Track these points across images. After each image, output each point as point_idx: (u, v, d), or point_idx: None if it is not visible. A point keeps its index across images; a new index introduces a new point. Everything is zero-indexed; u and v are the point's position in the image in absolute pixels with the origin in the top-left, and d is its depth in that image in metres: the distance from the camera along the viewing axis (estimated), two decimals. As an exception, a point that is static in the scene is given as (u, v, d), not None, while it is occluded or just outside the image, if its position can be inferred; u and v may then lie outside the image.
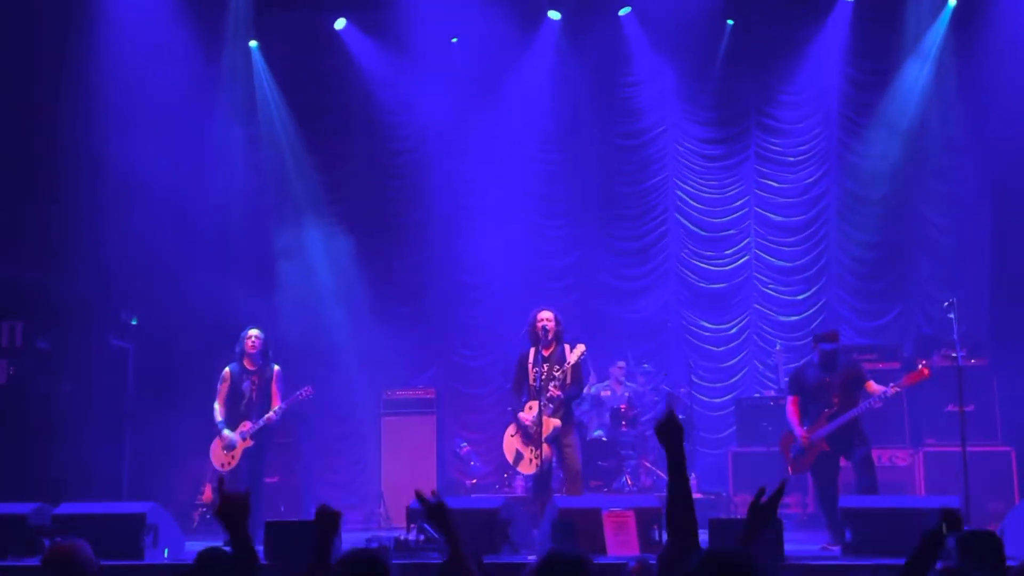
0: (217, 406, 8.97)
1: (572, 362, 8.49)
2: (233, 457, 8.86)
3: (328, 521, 4.05)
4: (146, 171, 10.32)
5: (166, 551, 7.60)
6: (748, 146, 12.11)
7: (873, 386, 8.10)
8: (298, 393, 9.01)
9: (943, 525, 3.58)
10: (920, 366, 8.08)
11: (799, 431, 8.24)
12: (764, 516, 3.49)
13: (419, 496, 3.87)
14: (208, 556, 5.01)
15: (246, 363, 9.00)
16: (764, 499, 3.50)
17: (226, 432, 8.87)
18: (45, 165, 10.44)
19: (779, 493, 3.50)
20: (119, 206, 10.43)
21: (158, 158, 10.39)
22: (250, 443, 8.86)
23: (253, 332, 9.04)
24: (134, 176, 10.33)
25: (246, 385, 8.95)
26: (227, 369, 9.03)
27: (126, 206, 10.40)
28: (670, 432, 3.54)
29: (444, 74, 12.23)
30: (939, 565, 4.01)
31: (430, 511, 3.81)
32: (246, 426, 8.86)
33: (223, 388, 8.99)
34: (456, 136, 12.43)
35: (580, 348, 8.58)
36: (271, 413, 8.84)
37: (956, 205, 11.29)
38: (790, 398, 8.41)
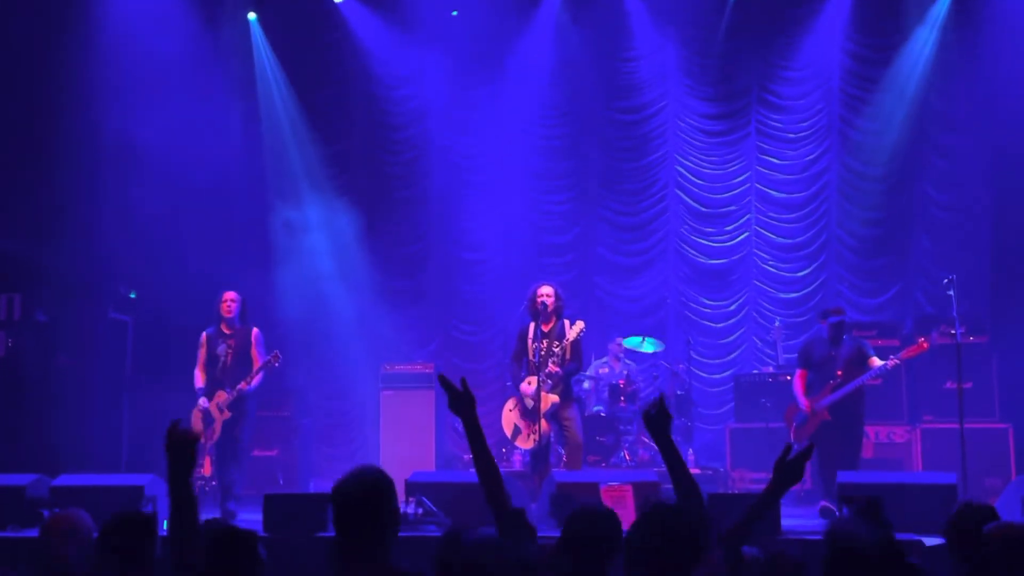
0: (197, 372, 8.84)
1: (571, 339, 8.50)
2: (214, 430, 8.71)
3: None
4: (144, 144, 10.29)
5: (165, 523, 7.61)
6: (749, 122, 12.07)
7: (875, 361, 8.37)
8: (267, 359, 8.79)
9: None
10: (920, 340, 8.35)
11: (803, 401, 8.49)
12: (790, 473, 3.49)
13: (443, 381, 3.85)
14: (211, 529, 5.04)
15: (223, 327, 8.85)
16: (791, 456, 3.51)
17: (202, 401, 8.72)
18: (43, 138, 10.40)
19: (808, 452, 3.51)
20: (118, 179, 10.41)
21: (156, 131, 10.34)
22: (228, 415, 8.71)
23: (229, 295, 8.88)
24: (133, 149, 10.30)
25: (221, 349, 8.79)
26: (204, 333, 8.90)
27: (125, 179, 10.38)
28: (659, 423, 3.67)
29: (444, 48, 12.18)
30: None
31: (456, 399, 3.82)
32: (221, 396, 8.71)
33: (201, 353, 8.87)
34: (456, 110, 12.39)
35: (579, 325, 8.58)
36: (244, 383, 8.66)
37: (957, 182, 11.27)
38: (798, 371, 8.70)
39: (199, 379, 8.85)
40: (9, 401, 10.02)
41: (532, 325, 8.64)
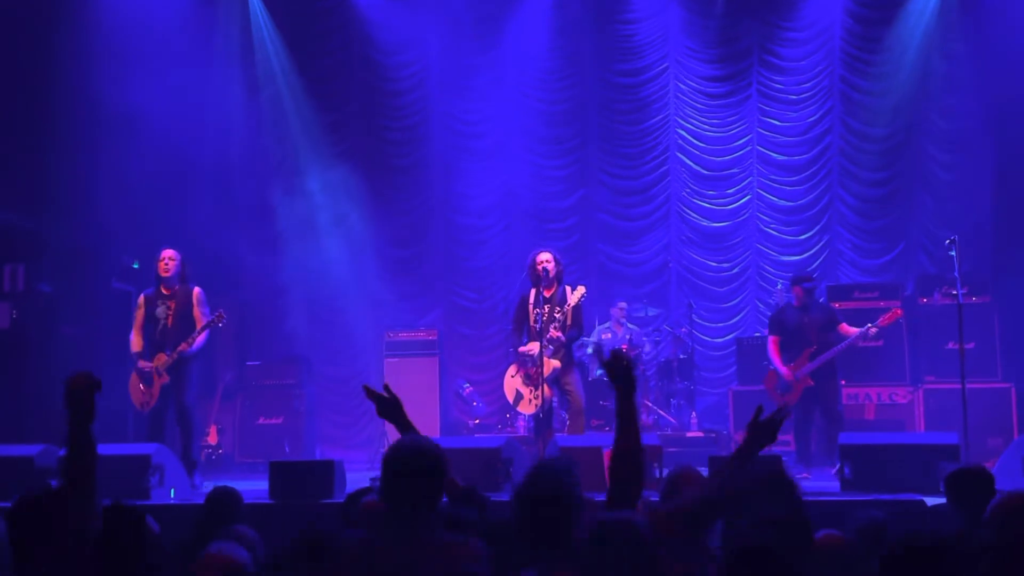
0: (133, 336, 8.59)
1: (572, 304, 8.51)
2: (151, 395, 8.48)
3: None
4: (144, 113, 10.24)
5: (172, 491, 7.69)
6: (750, 84, 12.00)
7: (847, 328, 8.92)
8: (211, 319, 8.53)
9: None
10: (893, 308, 9.08)
11: (783, 369, 8.97)
12: (762, 434, 3.51)
13: (368, 392, 3.93)
14: (219, 495, 5.09)
15: (161, 288, 8.58)
16: (762, 417, 3.53)
17: (142, 364, 8.44)
18: (43, 108, 10.36)
19: (780, 412, 3.54)
20: (118, 148, 10.37)
21: (156, 100, 10.30)
22: (166, 379, 8.43)
23: (166, 253, 8.56)
24: (132, 118, 10.25)
25: (160, 310, 8.51)
26: (142, 295, 8.67)
27: (125, 148, 10.34)
28: (624, 372, 3.62)
29: (444, 13, 12.10)
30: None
31: (383, 405, 3.91)
32: (161, 359, 8.41)
33: (138, 315, 8.59)
34: (456, 76, 12.32)
35: (580, 290, 8.59)
36: (185, 343, 8.39)
37: (959, 142, 11.22)
38: (771, 338, 9.20)
39: (135, 343, 8.57)
40: (15, 371, 10.05)
41: (533, 291, 8.66)
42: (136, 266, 10.94)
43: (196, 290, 8.59)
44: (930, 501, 6.19)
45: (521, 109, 12.28)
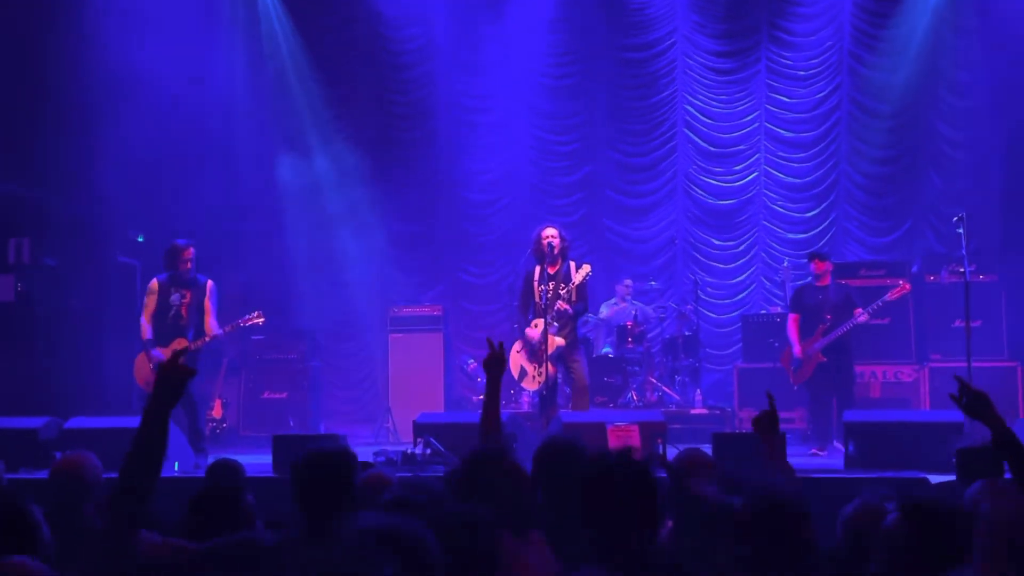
0: (144, 322, 8.52)
1: (577, 282, 8.45)
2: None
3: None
4: (148, 85, 10.22)
5: (176, 464, 7.70)
6: (759, 60, 11.91)
7: (860, 312, 8.92)
8: (247, 317, 8.63)
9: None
10: (901, 282, 9.15)
11: (797, 348, 9.02)
12: (762, 429, 3.61)
13: (489, 342, 4.14)
14: (220, 468, 5.10)
15: (178, 277, 8.53)
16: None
17: (156, 352, 8.35)
18: (46, 80, 10.30)
19: (771, 408, 3.66)
20: (122, 121, 10.32)
21: (159, 72, 10.26)
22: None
23: (190, 251, 8.50)
24: (135, 90, 10.22)
25: (175, 297, 8.48)
26: (154, 280, 8.60)
27: (129, 122, 10.30)
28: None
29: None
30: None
31: (492, 358, 4.05)
32: (181, 344, 8.28)
33: (150, 302, 8.53)
34: (463, 51, 12.25)
35: (586, 268, 8.53)
36: (208, 337, 8.43)
37: (968, 120, 11.14)
38: (791, 315, 9.23)
39: (147, 329, 8.50)
40: (20, 345, 10.06)
41: (538, 268, 8.62)
42: (141, 240, 10.93)
43: (209, 282, 8.63)
44: (934, 479, 6.18)
45: (528, 83, 12.22)
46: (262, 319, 8.80)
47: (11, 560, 2.68)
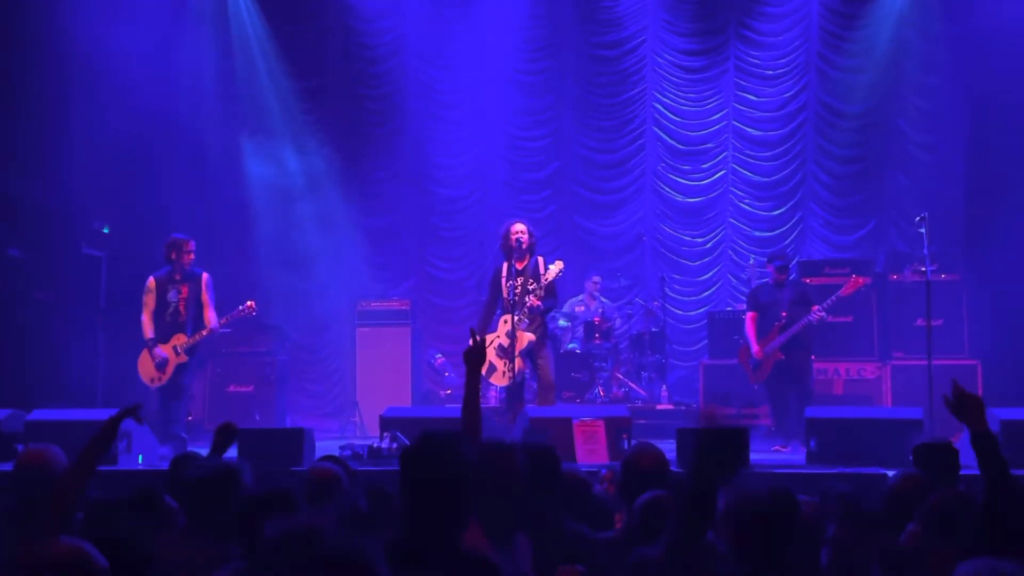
0: (146, 320, 8.57)
1: (549, 279, 8.45)
2: (166, 374, 8.52)
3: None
4: (115, 75, 10.12)
5: (140, 457, 7.68)
6: (727, 59, 12.00)
7: (817, 308, 9.03)
8: (240, 308, 8.76)
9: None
10: (854, 277, 9.24)
11: (755, 346, 9.10)
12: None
13: (472, 332, 4.20)
14: (182, 461, 5.08)
15: (175, 273, 8.62)
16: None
17: (159, 351, 8.45)
18: (10, 67, 10.18)
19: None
20: (88, 111, 10.24)
21: (127, 60, 10.15)
22: (184, 359, 8.53)
23: (192, 245, 8.63)
24: (102, 80, 10.13)
25: (172, 294, 8.57)
26: (152, 278, 8.65)
27: (95, 111, 10.22)
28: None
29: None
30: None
31: (472, 349, 4.10)
32: (180, 339, 8.51)
33: (150, 299, 8.59)
34: (434, 45, 12.24)
35: (558, 265, 8.53)
36: (206, 330, 8.55)
37: (934, 121, 11.26)
38: (748, 314, 9.34)
39: (149, 328, 8.56)
40: (-17, 336, 9.96)
41: (505, 264, 8.63)
42: (106, 231, 10.85)
43: (205, 275, 8.70)
44: (892, 474, 6.26)
45: (498, 79, 12.23)
46: (255, 311, 8.91)
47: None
